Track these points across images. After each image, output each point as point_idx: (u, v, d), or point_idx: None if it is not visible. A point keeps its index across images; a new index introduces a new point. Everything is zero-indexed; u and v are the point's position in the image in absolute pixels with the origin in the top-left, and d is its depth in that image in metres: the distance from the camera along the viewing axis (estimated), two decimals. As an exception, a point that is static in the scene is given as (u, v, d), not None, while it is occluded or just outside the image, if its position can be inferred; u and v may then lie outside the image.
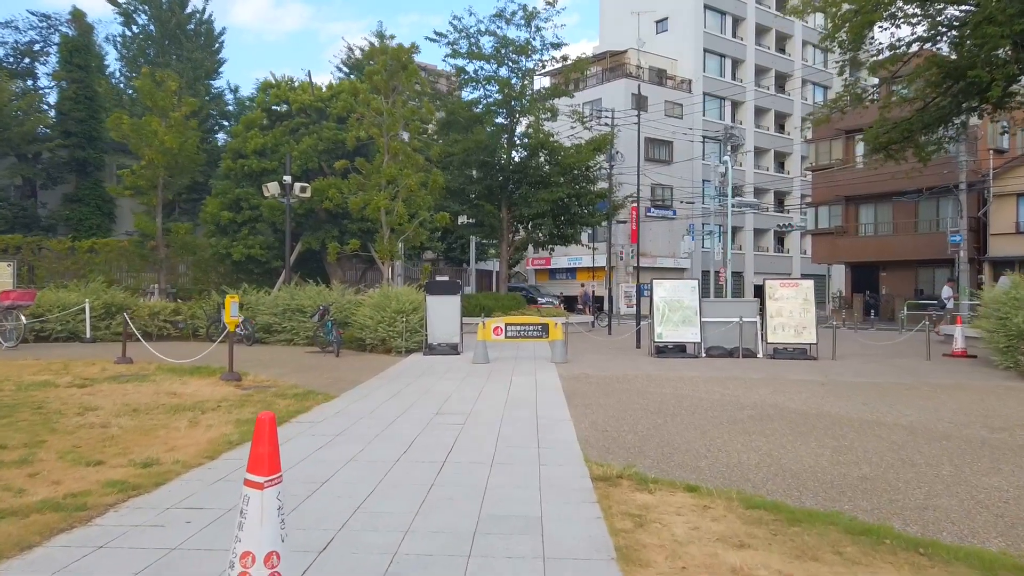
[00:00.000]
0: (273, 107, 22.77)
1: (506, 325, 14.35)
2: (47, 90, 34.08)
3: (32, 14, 33.79)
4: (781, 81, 57.17)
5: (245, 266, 22.44)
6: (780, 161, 57.62)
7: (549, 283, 47.99)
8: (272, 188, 19.55)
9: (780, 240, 56.60)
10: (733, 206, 35.62)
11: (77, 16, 34.07)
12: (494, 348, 15.09)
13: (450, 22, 25.90)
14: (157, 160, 20.16)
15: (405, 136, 20.28)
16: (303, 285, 19.56)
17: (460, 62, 25.99)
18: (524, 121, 27.03)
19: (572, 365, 13.55)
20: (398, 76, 19.24)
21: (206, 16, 38.10)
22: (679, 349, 15.34)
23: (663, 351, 15.29)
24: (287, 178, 19.58)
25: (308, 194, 19.92)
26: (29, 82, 32.51)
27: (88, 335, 17.60)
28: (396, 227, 19.44)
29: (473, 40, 25.69)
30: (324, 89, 23.64)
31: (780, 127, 57.73)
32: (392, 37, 19.18)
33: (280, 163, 21.50)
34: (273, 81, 23.40)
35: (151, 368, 12.48)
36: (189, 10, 37.62)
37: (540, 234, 26.87)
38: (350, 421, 7.95)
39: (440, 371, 12.79)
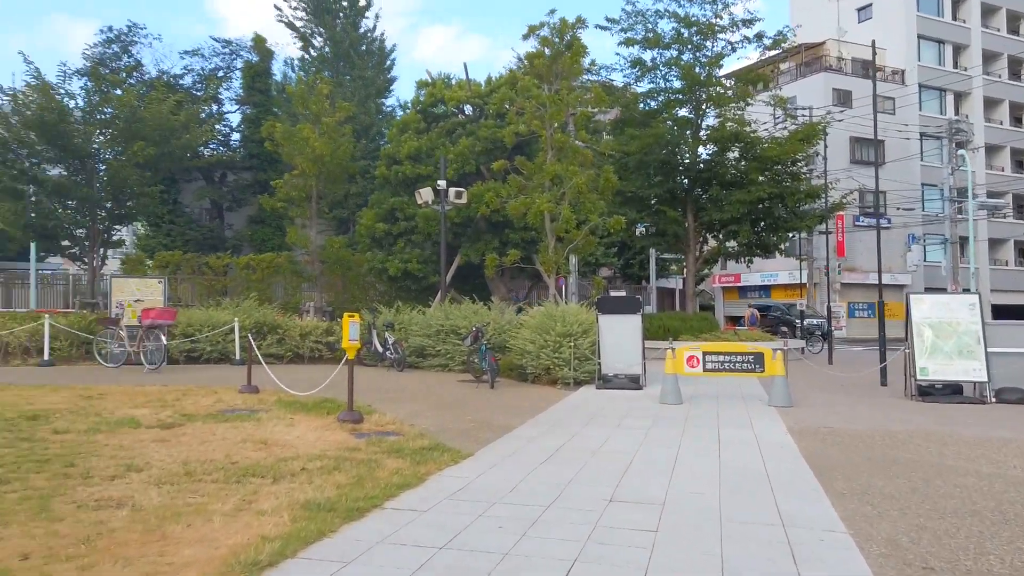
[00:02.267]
0: (429, 108, 20.95)
1: (704, 354, 10.90)
2: (230, 114, 35.28)
3: (215, 40, 35.04)
4: (1015, 67, 48.30)
5: (402, 282, 20.70)
6: (1018, 159, 48.53)
7: (738, 303, 43.04)
8: (425, 194, 17.47)
9: (1022, 252, 47.49)
10: (968, 210, 29.14)
11: (258, 42, 34.97)
12: (686, 382, 11.69)
13: (622, 8, 22.74)
14: (308, 169, 18.87)
15: (572, 130, 17.46)
16: (459, 303, 17.27)
17: (635, 51, 22.81)
18: (711, 113, 23.22)
19: (800, 411, 9.83)
20: (561, 59, 16.47)
21: (377, 34, 37.94)
22: (952, 390, 11.02)
23: (928, 392, 11.05)
24: (441, 183, 17.44)
25: (464, 199, 17.65)
26: (214, 107, 33.65)
27: (237, 357, 16.31)
28: (563, 235, 16.60)
29: (650, 24, 22.43)
30: (483, 85, 21.49)
31: (1017, 120, 48.75)
32: (553, 11, 16.33)
33: (435, 167, 19.50)
34: (429, 80, 21.63)
35: (271, 400, 10.42)
36: (362, 30, 37.63)
37: (736, 243, 22.75)
38: (471, 513, 5.01)
39: (617, 414, 9.63)
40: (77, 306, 21.42)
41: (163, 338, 14.72)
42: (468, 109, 21.38)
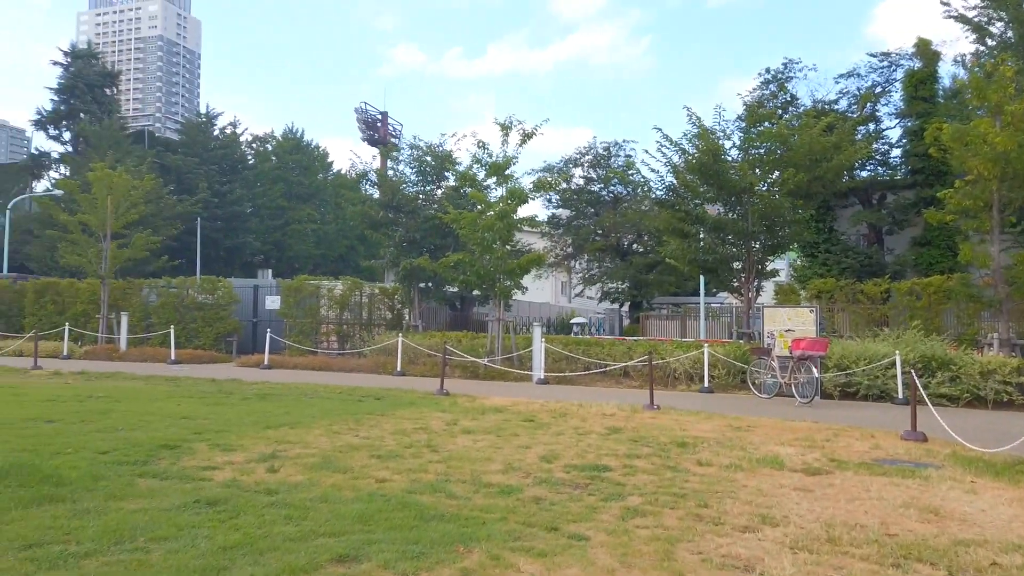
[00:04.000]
0: None
1: None
2: (889, 130, 32.71)
3: (871, 56, 32.98)
4: None
5: None
6: None
7: None
8: None
9: None
10: None
11: (922, 46, 31.76)
12: None
13: None
14: (987, 171, 15.27)
15: None
16: None
17: None
18: None
19: None
20: None
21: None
22: None
23: None
24: None
25: None
26: (870, 126, 31.78)
27: (900, 395, 14.28)
28: None
29: None
30: None
31: None
32: None
33: None
34: None
35: (942, 453, 8.40)
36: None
37: None
38: None
39: None
40: (734, 336, 22.50)
41: (815, 370, 13.86)
42: None
